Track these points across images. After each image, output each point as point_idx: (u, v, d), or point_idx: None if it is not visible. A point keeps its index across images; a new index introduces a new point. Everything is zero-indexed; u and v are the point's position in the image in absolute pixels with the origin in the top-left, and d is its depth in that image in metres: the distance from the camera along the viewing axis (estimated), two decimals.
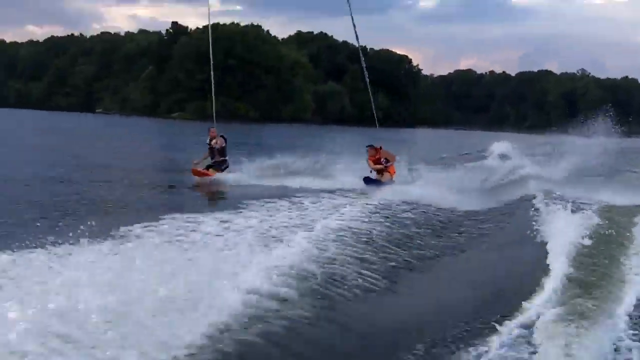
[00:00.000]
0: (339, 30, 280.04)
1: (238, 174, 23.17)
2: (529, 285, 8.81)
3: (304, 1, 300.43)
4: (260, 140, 56.25)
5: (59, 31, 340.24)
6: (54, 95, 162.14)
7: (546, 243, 11.76)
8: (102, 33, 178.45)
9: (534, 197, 18.52)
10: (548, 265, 9.94)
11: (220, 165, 22.86)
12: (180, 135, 65.33)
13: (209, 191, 21.49)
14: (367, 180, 21.91)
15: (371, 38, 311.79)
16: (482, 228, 15.36)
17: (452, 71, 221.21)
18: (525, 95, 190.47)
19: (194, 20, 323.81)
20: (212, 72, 28.53)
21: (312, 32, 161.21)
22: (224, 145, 23.05)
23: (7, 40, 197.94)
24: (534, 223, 14.13)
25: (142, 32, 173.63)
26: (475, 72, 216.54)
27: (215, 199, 20.07)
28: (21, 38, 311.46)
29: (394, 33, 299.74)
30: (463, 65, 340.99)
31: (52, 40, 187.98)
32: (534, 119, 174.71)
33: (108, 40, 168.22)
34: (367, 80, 29.33)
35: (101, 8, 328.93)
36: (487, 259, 12.32)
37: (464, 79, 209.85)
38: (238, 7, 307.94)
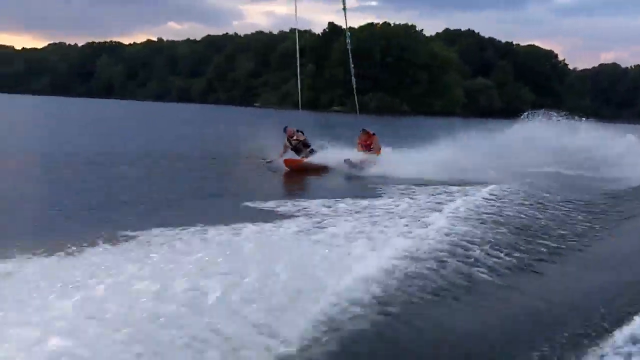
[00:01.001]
0: (476, 23, 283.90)
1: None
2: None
3: None
4: (409, 131, 55.59)
5: (199, 28, 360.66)
6: (213, 91, 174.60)
7: None
8: (256, 32, 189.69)
9: None
10: None
11: (308, 155, 22.96)
12: (331, 128, 70.17)
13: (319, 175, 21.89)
14: (348, 162, 22.52)
15: (509, 31, 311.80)
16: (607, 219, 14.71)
17: (596, 65, 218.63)
18: None
19: (331, 17, 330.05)
20: (298, 65, 31.88)
21: (460, 29, 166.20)
22: (304, 137, 23.37)
23: (153, 38, 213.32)
24: None
25: (293, 30, 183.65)
26: (619, 65, 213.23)
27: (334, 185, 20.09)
28: (164, 35, 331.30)
29: (532, 26, 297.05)
30: (603, 58, 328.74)
31: (208, 39, 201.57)
32: None
33: (262, 39, 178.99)
34: (352, 67, 31.78)
35: (239, 5, 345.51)
36: (613, 255, 11.49)
37: (608, 72, 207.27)
38: (373, 3, 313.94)
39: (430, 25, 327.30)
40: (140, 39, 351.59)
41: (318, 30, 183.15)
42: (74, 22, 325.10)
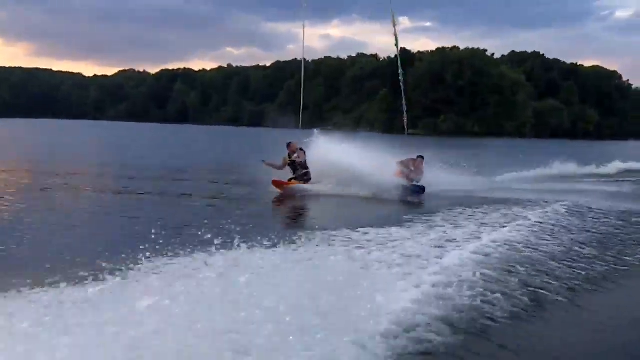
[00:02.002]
0: (533, 42, 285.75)
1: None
2: None
3: (492, 15, 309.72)
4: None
5: (256, 52, 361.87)
6: (286, 115, 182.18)
7: None
8: (325, 57, 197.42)
9: None
10: None
11: (303, 178, 21.69)
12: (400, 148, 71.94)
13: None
14: (403, 189, 21.74)
15: (566, 49, 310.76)
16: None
17: None
18: None
19: (385, 38, 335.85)
20: (302, 83, 30.49)
21: (526, 51, 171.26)
22: (305, 158, 21.91)
23: (213, 63, 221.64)
24: None
25: (360, 55, 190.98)
26: None
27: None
28: (220, 60, 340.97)
29: (590, 44, 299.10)
30: None
31: (277, 65, 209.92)
32: None
33: (332, 65, 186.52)
34: (403, 89, 32.59)
35: (294, 29, 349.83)
36: None
37: None
38: (428, 24, 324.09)
39: (487, 45, 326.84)
40: (199, 64, 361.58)
41: (385, 54, 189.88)
42: (133, 47, 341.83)
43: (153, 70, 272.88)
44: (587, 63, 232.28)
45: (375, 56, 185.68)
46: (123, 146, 57.72)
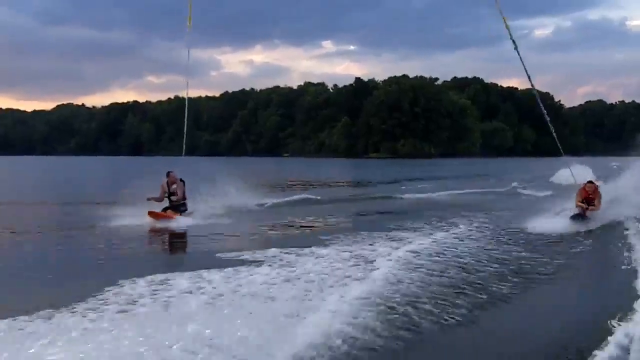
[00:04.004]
0: (455, 64, 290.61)
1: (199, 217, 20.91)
2: (620, 314, 8.52)
3: (414, 39, 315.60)
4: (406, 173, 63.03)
5: (178, 80, 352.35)
6: (240, 143, 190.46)
7: (636, 269, 11.54)
8: (274, 87, 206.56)
9: (623, 221, 18.56)
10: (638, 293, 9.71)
11: (178, 208, 21.23)
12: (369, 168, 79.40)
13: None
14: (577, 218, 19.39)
15: (486, 69, 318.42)
16: (567, 254, 14.18)
17: (582, 102, 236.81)
18: None
19: (307, 63, 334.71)
20: (186, 110, 24.26)
21: (467, 77, 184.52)
22: (183, 189, 21.61)
23: (134, 92, 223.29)
24: (623, 248, 14.21)
25: (308, 84, 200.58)
26: (605, 101, 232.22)
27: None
28: (141, 87, 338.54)
29: (509, 63, 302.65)
30: (580, 93, 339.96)
31: (226, 95, 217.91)
32: None
33: (283, 94, 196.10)
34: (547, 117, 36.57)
35: (217, 55, 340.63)
36: (573, 287, 11.41)
37: (595, 109, 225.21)
38: (352, 47, 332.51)
39: (409, 67, 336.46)
40: (120, 94, 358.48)
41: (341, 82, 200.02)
42: (51, 79, 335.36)
43: (89, 102, 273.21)
44: (507, 83, 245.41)
45: (322, 84, 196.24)
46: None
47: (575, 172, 24.64)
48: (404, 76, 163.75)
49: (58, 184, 49.18)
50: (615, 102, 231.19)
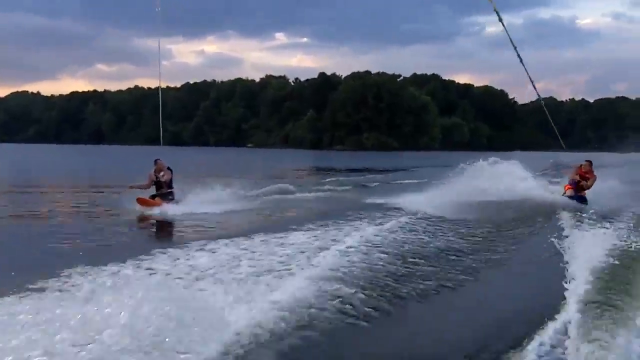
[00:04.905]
0: (408, 58, 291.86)
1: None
2: (551, 306, 8.74)
3: (368, 32, 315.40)
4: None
5: (129, 69, 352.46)
6: (203, 134, 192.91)
7: (568, 262, 11.77)
8: (236, 79, 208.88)
9: (558, 213, 19.16)
10: (570, 283, 9.90)
11: (166, 197, 21.40)
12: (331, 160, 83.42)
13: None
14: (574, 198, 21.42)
15: (439, 65, 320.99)
16: (501, 246, 14.50)
17: (534, 99, 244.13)
18: (603, 120, 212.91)
19: (259, 54, 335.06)
20: (160, 97, 26.83)
21: (426, 74, 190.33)
22: (170, 177, 21.75)
23: (84, 81, 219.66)
24: (557, 240, 14.37)
25: (269, 77, 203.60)
26: (555, 99, 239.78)
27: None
28: (91, 76, 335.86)
29: (461, 60, 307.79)
30: (530, 89, 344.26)
31: (188, 86, 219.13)
32: (613, 141, 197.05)
33: (245, 86, 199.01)
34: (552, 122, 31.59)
35: (168, 45, 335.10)
36: (505, 279, 11.80)
37: (548, 105, 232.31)
38: (304, 39, 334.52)
39: (364, 61, 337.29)
40: (69, 82, 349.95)
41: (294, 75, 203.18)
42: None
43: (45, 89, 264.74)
44: (460, 79, 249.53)
45: (284, 77, 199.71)
46: None
47: (501, 168, 26.49)
48: (367, 72, 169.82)
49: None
50: (566, 100, 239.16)
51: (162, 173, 21.59)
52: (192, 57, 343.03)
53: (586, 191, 22.13)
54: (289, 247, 12.65)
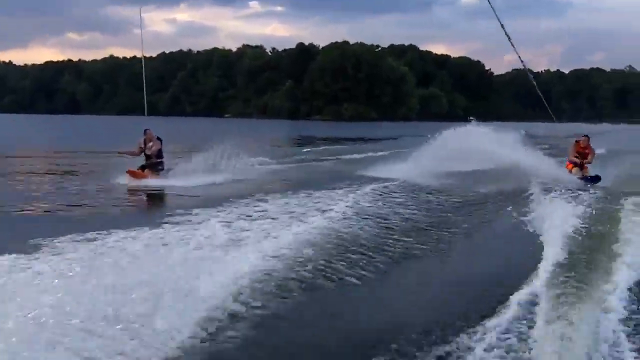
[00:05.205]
0: (383, 27, 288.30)
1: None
2: (523, 275, 8.84)
3: (342, 1, 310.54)
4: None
5: (101, 38, 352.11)
6: (180, 104, 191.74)
7: (540, 234, 11.96)
8: (212, 49, 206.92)
9: (529, 184, 18.72)
10: (542, 254, 10.05)
11: (155, 167, 21.43)
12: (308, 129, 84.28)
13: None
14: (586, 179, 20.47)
15: (415, 35, 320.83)
16: (474, 217, 14.85)
17: (509, 70, 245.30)
18: (578, 92, 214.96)
19: (234, 22, 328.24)
20: (143, 67, 28.98)
21: (404, 44, 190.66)
22: (160, 147, 21.64)
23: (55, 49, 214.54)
24: (529, 211, 14.54)
25: (246, 47, 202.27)
26: (532, 70, 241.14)
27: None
28: (63, 45, 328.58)
29: (438, 29, 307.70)
30: (506, 60, 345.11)
31: (164, 56, 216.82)
32: (588, 112, 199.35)
33: (222, 56, 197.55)
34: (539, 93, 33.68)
35: (142, 13, 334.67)
36: (478, 250, 12.02)
37: (523, 77, 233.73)
38: (279, 8, 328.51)
39: (339, 29, 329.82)
40: (40, 51, 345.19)
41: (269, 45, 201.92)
42: None
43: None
44: (437, 49, 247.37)
45: (261, 47, 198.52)
46: None
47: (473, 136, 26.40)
48: (346, 42, 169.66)
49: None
50: (541, 71, 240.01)
51: (151, 143, 21.56)
52: (164, 26, 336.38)
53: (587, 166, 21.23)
54: (259, 219, 12.93)
